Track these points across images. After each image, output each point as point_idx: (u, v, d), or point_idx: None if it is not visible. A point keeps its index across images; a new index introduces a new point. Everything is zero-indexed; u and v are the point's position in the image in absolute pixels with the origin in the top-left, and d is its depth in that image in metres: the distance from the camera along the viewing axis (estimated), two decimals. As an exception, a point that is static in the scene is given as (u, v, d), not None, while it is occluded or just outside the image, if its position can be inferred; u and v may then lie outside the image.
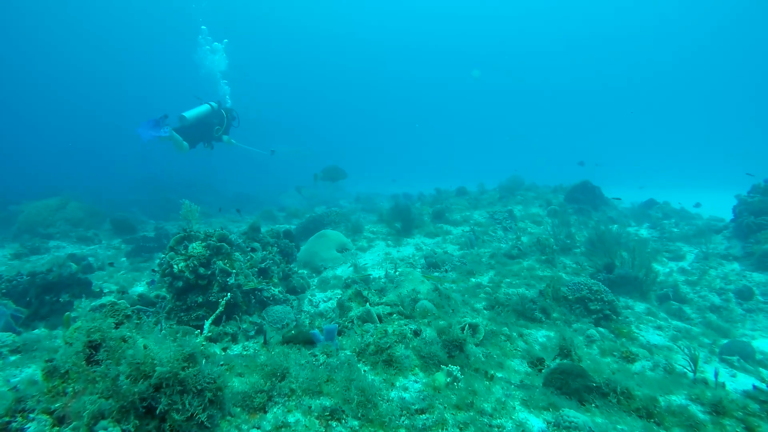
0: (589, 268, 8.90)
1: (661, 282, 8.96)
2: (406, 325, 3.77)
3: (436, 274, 8.71)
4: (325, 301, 8.14)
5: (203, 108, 10.77)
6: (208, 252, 6.09)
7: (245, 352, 3.96)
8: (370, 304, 4.87)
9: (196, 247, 6.05)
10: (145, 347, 2.16)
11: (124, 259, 11.48)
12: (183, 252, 6.06)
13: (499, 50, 74.55)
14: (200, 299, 5.83)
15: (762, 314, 8.27)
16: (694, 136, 66.63)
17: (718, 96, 71.25)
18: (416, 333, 3.66)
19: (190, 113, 10.43)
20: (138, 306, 5.81)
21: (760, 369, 6.41)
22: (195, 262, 5.89)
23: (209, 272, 5.97)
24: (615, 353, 5.08)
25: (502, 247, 11.02)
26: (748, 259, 9.73)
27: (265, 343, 4.11)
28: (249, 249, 7.78)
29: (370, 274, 8.89)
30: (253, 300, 6.55)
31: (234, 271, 6.13)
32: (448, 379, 2.98)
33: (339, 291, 8.52)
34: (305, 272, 9.96)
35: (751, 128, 63.84)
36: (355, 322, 4.61)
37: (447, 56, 77.21)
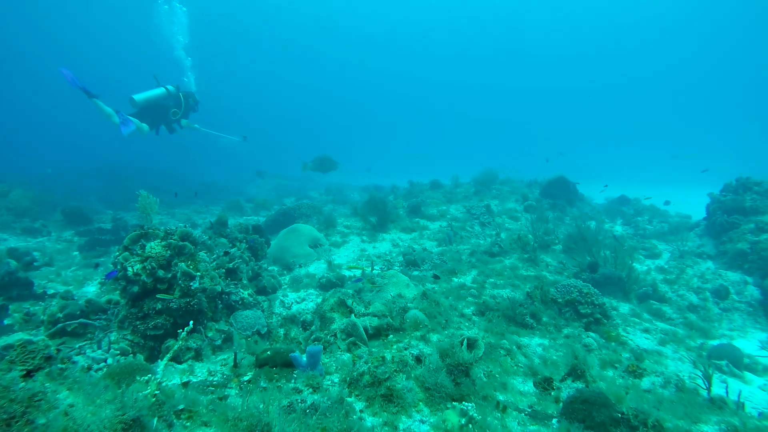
0: (572, 267, 8.57)
1: (640, 280, 8.75)
2: (405, 349, 3.20)
3: (416, 272, 8.19)
4: (298, 302, 7.49)
5: (157, 91, 9.99)
6: (169, 252, 5.33)
7: (212, 379, 3.30)
8: (355, 315, 4.28)
9: (154, 247, 5.28)
10: (66, 413, 1.51)
11: (76, 253, 10.43)
12: (139, 252, 5.29)
13: (475, 41, 74.29)
14: (159, 306, 5.08)
15: (737, 313, 8.16)
16: (665, 134, 68.32)
17: (694, 95, 72.95)
18: (418, 359, 3.11)
19: (140, 96, 9.66)
20: (80, 320, 4.98)
21: (746, 373, 6.22)
22: (153, 264, 5.14)
23: (170, 275, 5.23)
24: (617, 365, 4.68)
25: (482, 244, 10.61)
26: (721, 257, 9.65)
27: (236, 366, 3.48)
28: (216, 247, 7.03)
29: (345, 275, 8.28)
30: (220, 305, 5.85)
31: (198, 273, 5.40)
32: (462, 420, 2.45)
33: (313, 291, 7.88)
34: (276, 269, 9.26)
35: (720, 128, 65.95)
36: (338, 336, 4.01)
37: (423, 48, 76.61)
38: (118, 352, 3.98)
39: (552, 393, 3.51)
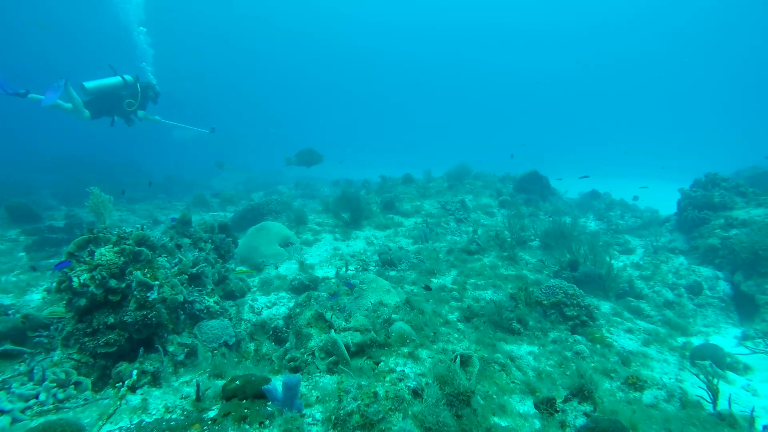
0: (552, 266, 8.34)
1: (618, 278, 8.61)
2: (400, 381, 2.76)
3: (393, 273, 7.76)
4: (268, 307, 6.94)
5: (112, 79, 9.27)
6: (122, 259, 4.70)
7: (170, 417, 2.76)
8: (335, 331, 3.81)
9: (105, 254, 4.64)
10: None
11: (22, 254, 9.51)
12: (87, 259, 4.63)
13: (448, 33, 73.90)
14: (111, 320, 4.46)
15: (710, 309, 8.12)
16: (634, 129, 69.64)
17: (666, 91, 74.34)
18: (415, 393, 2.67)
19: (92, 83, 8.96)
20: (4, 348, 4.27)
21: (729, 373, 6.11)
22: (104, 273, 4.50)
23: (123, 285, 4.61)
24: (613, 375, 4.39)
25: (459, 241, 10.29)
26: (693, 253, 9.65)
27: (198, 399, 2.95)
28: (178, 250, 6.38)
29: (318, 276, 7.78)
30: (183, 315, 5.25)
31: (157, 282, 4.79)
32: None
33: (284, 294, 7.34)
34: (245, 271, 8.66)
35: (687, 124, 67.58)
36: (317, 354, 3.54)
37: (396, 39, 75.74)
38: (55, 384, 3.36)
39: (556, 416, 3.15)
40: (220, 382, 3.29)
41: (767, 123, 58.78)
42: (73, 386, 3.47)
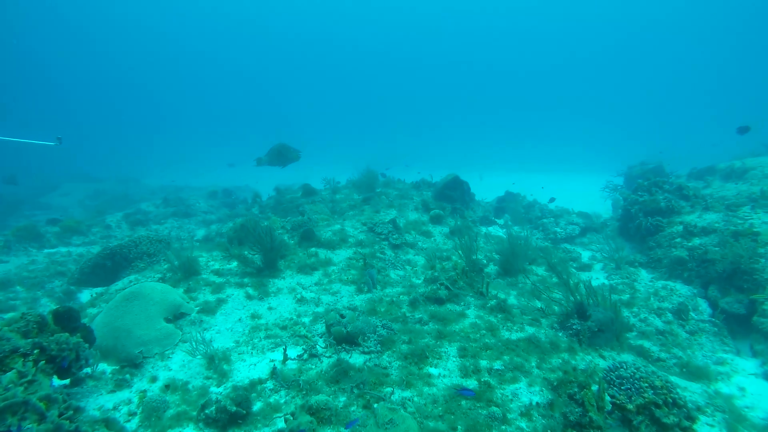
0: (551, 315, 6.34)
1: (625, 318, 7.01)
2: None
3: (361, 358, 5.03)
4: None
5: None
6: None
7: None
8: None
9: None
10: None
11: None
12: None
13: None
14: None
15: (704, 335, 6.95)
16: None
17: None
18: None
19: None
20: None
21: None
22: None
23: None
24: None
25: (406, 277, 7.90)
26: (654, 265, 8.60)
27: None
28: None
29: (245, 382, 4.72)
30: None
31: None
32: None
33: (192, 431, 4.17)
34: (109, 372, 5.18)
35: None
36: None
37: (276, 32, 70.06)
38: None
39: None
40: None
41: (655, 119, 64.46)
42: None
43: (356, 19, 70.49)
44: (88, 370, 4.99)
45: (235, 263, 7.87)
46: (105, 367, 5.29)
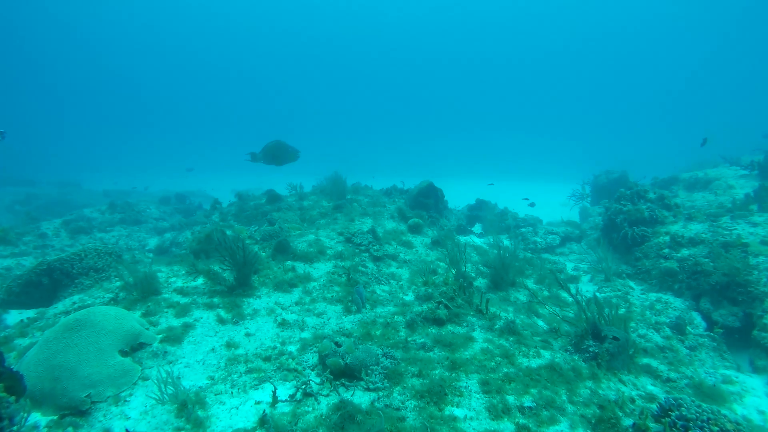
0: (560, 337, 5.80)
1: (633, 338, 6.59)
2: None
3: (367, 398, 4.22)
4: None
5: None
6: None
7: None
8: None
9: None
10: None
11: None
12: None
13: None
14: None
15: (704, 351, 6.68)
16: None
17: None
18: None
19: None
20: None
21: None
22: None
23: None
24: None
25: (393, 293, 7.16)
26: (642, 277, 8.36)
27: None
28: None
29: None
30: None
31: None
32: None
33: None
34: (43, 424, 4.07)
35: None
36: None
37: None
38: None
39: None
40: None
41: (615, 130, 66.77)
42: None
43: (325, 22, 69.68)
44: (14, 429, 3.86)
45: (201, 279, 6.81)
46: (38, 418, 4.18)
